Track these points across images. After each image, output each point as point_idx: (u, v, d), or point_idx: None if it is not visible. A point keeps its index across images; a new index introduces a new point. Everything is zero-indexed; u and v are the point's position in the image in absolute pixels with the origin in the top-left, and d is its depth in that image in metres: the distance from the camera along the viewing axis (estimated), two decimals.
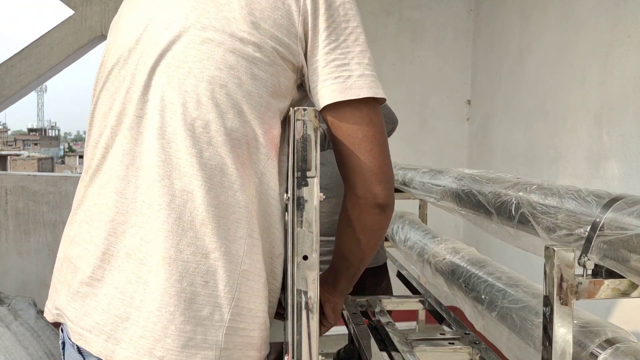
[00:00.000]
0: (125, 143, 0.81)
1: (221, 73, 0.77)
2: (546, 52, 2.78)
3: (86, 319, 0.79)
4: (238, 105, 0.77)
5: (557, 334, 0.87)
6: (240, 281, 0.78)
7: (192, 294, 0.75)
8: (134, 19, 0.87)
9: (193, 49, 0.78)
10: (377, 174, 0.81)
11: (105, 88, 0.86)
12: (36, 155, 38.78)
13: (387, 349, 1.25)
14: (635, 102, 2.10)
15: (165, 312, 0.74)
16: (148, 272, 0.76)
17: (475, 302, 1.38)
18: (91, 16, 3.56)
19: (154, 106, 0.79)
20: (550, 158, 2.71)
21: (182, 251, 0.75)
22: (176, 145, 0.76)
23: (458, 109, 3.80)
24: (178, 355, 0.74)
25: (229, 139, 0.77)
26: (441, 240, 1.84)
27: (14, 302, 2.80)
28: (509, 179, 1.31)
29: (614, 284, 0.90)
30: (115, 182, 0.80)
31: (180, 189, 0.76)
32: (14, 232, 3.54)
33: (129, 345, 0.75)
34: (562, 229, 1.01)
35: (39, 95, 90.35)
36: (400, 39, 3.72)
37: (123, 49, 0.85)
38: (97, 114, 0.87)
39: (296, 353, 0.79)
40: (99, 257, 0.79)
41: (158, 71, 0.79)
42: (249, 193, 0.79)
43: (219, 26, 0.78)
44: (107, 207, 0.80)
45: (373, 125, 0.81)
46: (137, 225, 0.77)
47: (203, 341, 0.75)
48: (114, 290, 0.77)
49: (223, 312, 0.77)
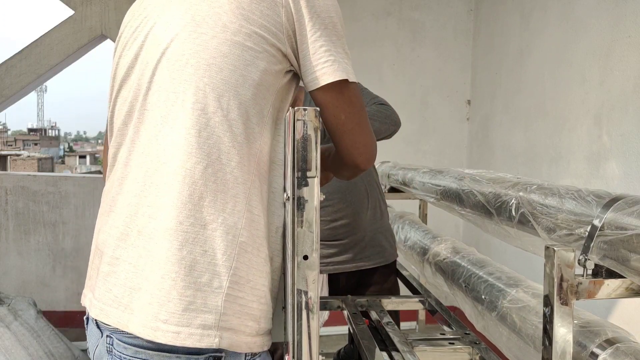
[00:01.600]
0: (135, 134, 0.90)
1: (216, 61, 0.84)
2: (546, 52, 2.78)
3: (108, 294, 0.86)
4: (234, 88, 0.84)
5: (557, 334, 0.87)
6: (238, 252, 0.84)
7: (192, 262, 0.81)
8: (136, 26, 0.96)
9: (190, 42, 0.86)
10: (359, 148, 0.93)
11: (120, 95, 0.95)
12: (36, 155, 38.78)
13: (387, 349, 1.25)
14: (635, 102, 2.10)
15: (167, 278, 0.81)
16: (154, 244, 0.82)
17: (475, 302, 1.38)
18: (91, 16, 3.56)
19: (157, 98, 0.87)
20: (550, 158, 2.71)
21: (182, 223, 0.82)
22: (177, 128, 0.84)
23: (458, 109, 3.80)
24: (180, 318, 0.80)
25: (225, 119, 0.84)
26: (441, 240, 1.84)
27: (14, 302, 2.80)
28: (509, 179, 1.31)
29: (614, 284, 0.90)
30: (131, 170, 0.89)
31: (181, 166, 0.83)
32: (14, 232, 3.54)
33: (139, 313, 0.82)
34: (562, 228, 1.01)
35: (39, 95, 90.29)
36: (400, 39, 3.72)
37: (130, 57, 0.94)
38: (115, 119, 0.96)
39: (296, 353, 0.79)
40: (118, 238, 0.87)
41: (159, 67, 0.88)
42: (247, 170, 0.86)
43: (211, 21, 0.86)
44: (125, 194, 0.88)
45: (353, 105, 0.91)
46: (146, 204, 0.85)
47: (203, 305, 0.81)
48: (129, 266, 0.85)
49: (222, 279, 0.82)
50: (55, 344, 2.74)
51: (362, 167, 0.96)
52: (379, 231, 1.83)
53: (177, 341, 0.80)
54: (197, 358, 0.82)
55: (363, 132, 0.93)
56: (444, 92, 3.77)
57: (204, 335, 0.80)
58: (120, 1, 3.57)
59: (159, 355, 0.82)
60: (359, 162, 0.94)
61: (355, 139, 0.92)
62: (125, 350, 0.84)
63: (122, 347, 0.84)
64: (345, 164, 0.96)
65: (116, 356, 0.85)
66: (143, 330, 0.81)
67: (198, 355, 0.82)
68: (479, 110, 3.66)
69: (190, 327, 0.80)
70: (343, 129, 0.91)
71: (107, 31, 3.57)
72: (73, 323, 3.15)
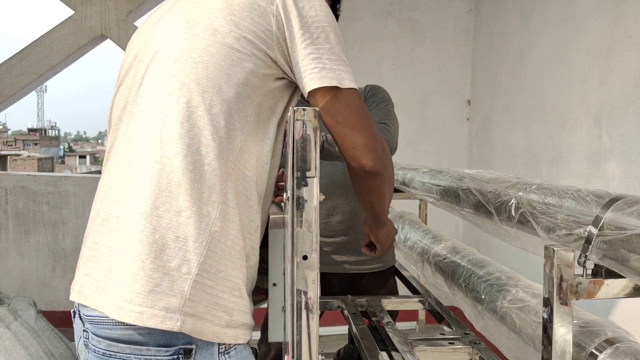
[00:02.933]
0: (126, 128, 0.95)
1: (203, 59, 0.89)
2: (546, 52, 2.78)
3: (87, 277, 0.89)
4: (217, 85, 0.88)
5: (557, 334, 0.87)
6: (210, 241, 0.85)
7: (162, 246, 0.84)
8: (140, 33, 1.04)
9: (181, 43, 0.92)
10: (361, 149, 0.94)
11: (118, 93, 1.01)
12: (36, 155, 38.76)
13: (387, 349, 1.25)
14: (635, 102, 2.10)
15: (137, 260, 0.83)
16: (129, 228, 0.86)
17: (475, 302, 1.38)
18: (91, 16, 3.56)
19: (147, 92, 0.92)
20: (550, 158, 2.71)
21: (158, 208, 0.85)
22: (162, 121, 0.88)
23: (458, 109, 3.80)
24: (145, 299, 0.82)
25: (207, 113, 0.88)
26: (441, 240, 1.84)
27: (14, 302, 2.79)
28: (509, 179, 1.31)
29: (613, 284, 0.90)
30: (118, 160, 0.93)
31: (162, 156, 0.86)
32: (14, 232, 3.54)
33: (112, 294, 0.84)
34: (562, 228, 1.01)
35: (39, 95, 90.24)
36: (400, 39, 3.72)
37: (129, 59, 1.01)
38: (112, 116, 1.02)
39: (296, 353, 0.79)
40: (99, 224, 0.90)
41: (151, 65, 0.94)
42: (225, 164, 0.88)
43: (203, 25, 0.91)
44: (111, 182, 0.92)
45: (350, 108, 0.93)
46: (128, 192, 0.88)
47: (169, 289, 0.83)
48: (107, 249, 0.88)
49: (191, 266, 0.84)
50: (55, 344, 2.74)
51: (368, 167, 0.95)
52: None
53: (140, 321, 0.81)
54: (167, 350, 0.84)
55: (362, 133, 0.94)
56: (444, 92, 3.77)
57: (166, 317, 0.82)
58: (120, 1, 3.57)
59: (130, 347, 0.84)
60: (364, 163, 0.95)
61: (355, 140, 0.94)
62: (99, 344, 0.87)
63: (96, 341, 0.87)
64: (351, 167, 0.97)
65: (91, 350, 0.88)
66: (112, 311, 0.83)
67: (168, 347, 0.84)
68: (479, 110, 3.66)
69: (153, 309, 0.82)
70: (342, 131, 0.93)
71: (107, 31, 3.57)
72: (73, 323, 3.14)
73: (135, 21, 3.69)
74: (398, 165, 2.27)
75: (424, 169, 1.96)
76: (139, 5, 3.60)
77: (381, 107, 1.73)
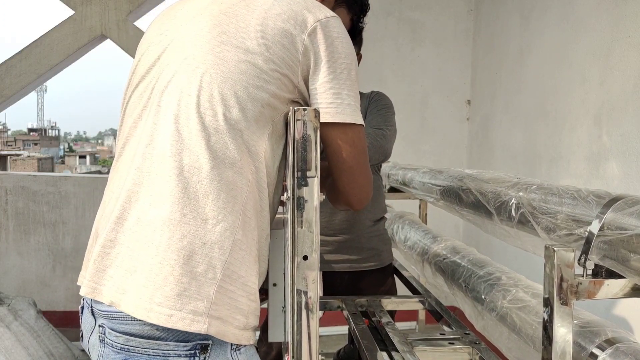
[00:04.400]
0: (146, 127, 0.96)
1: (233, 75, 0.92)
2: (546, 52, 2.78)
3: (101, 274, 0.91)
4: (242, 103, 0.92)
5: (557, 334, 0.87)
6: (232, 248, 0.89)
7: (190, 252, 0.87)
8: (163, 30, 1.03)
9: (212, 55, 0.93)
10: (354, 188, 1.00)
11: (137, 89, 1.02)
12: (36, 155, 38.77)
13: (387, 349, 1.25)
14: (635, 102, 2.10)
15: (166, 265, 0.86)
16: (153, 232, 0.88)
17: (475, 302, 1.38)
18: (91, 16, 3.56)
19: (172, 97, 0.94)
20: (550, 158, 2.71)
21: (186, 215, 0.88)
22: (188, 129, 0.90)
23: (458, 109, 3.80)
24: (174, 302, 0.85)
25: (232, 128, 0.91)
26: (441, 240, 1.84)
27: (14, 302, 2.80)
28: (509, 179, 1.31)
29: (613, 284, 0.90)
30: (135, 158, 0.94)
31: (188, 164, 0.89)
32: (14, 232, 3.54)
33: (133, 295, 0.86)
34: (562, 229, 1.01)
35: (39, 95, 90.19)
36: (400, 39, 3.71)
37: (152, 57, 1.01)
38: (128, 112, 1.02)
39: (296, 353, 0.80)
40: (115, 222, 0.91)
41: (179, 70, 0.95)
42: (246, 176, 0.92)
43: (235, 42, 0.93)
44: (127, 181, 0.93)
45: (355, 147, 0.98)
46: (148, 194, 0.90)
47: (196, 293, 0.86)
48: (125, 249, 0.90)
49: (216, 271, 0.87)
50: (55, 344, 2.74)
51: (355, 207, 1.04)
52: (375, 234, 1.83)
53: (169, 323, 0.84)
54: (185, 345, 0.87)
55: (361, 173, 1.00)
56: (444, 92, 3.77)
57: (194, 320, 0.85)
58: (120, 1, 3.57)
59: (149, 342, 0.87)
60: (353, 202, 1.03)
61: (353, 178, 1.00)
62: (117, 338, 0.88)
63: (113, 336, 0.89)
64: (339, 201, 1.04)
65: (108, 345, 0.90)
66: (136, 311, 0.85)
67: (186, 342, 0.87)
68: (479, 110, 3.66)
69: (182, 312, 0.85)
70: (342, 167, 0.99)
71: (107, 31, 3.57)
72: (73, 323, 3.14)
73: (135, 21, 3.69)
74: (398, 165, 2.27)
75: (424, 169, 1.96)
76: (139, 5, 3.60)
77: (382, 114, 1.77)
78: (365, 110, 1.78)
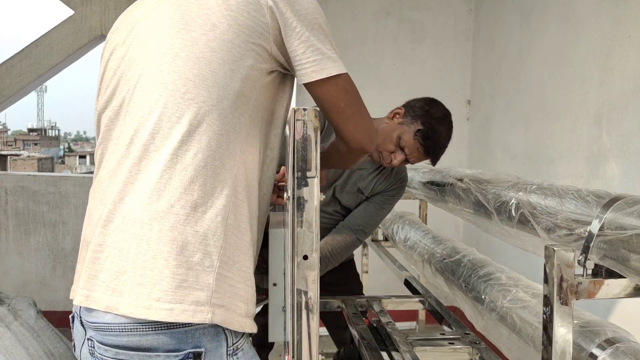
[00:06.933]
0: (124, 129, 0.92)
1: (205, 55, 0.89)
2: (546, 52, 2.77)
3: (93, 280, 0.87)
4: (222, 80, 0.89)
5: (557, 334, 0.87)
6: (225, 233, 0.87)
7: (183, 242, 0.84)
8: (123, 31, 1.00)
9: (179, 38, 0.90)
10: (362, 131, 0.99)
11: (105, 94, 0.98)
12: (36, 155, 38.76)
13: (387, 349, 1.26)
14: (635, 102, 2.10)
15: (160, 258, 0.83)
16: (141, 227, 0.85)
17: (475, 302, 1.38)
18: (91, 16, 3.55)
19: (145, 90, 0.90)
20: (550, 158, 2.71)
21: (173, 205, 0.85)
22: (167, 116, 0.87)
23: (458, 109, 3.79)
24: (172, 295, 0.82)
25: (215, 109, 0.88)
26: (441, 240, 1.84)
27: (14, 302, 2.79)
28: (509, 179, 1.31)
29: (613, 283, 0.90)
30: (118, 163, 0.91)
31: (171, 153, 0.86)
32: (14, 232, 3.54)
33: (129, 295, 0.83)
34: (562, 229, 1.01)
35: (39, 95, 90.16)
36: (400, 39, 3.71)
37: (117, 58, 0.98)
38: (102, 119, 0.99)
39: (296, 353, 0.79)
40: (102, 225, 0.88)
41: (147, 61, 0.91)
42: (234, 157, 0.90)
43: (200, 21, 0.90)
44: (113, 185, 0.90)
45: (349, 93, 0.97)
46: (133, 191, 0.87)
47: (195, 283, 0.84)
48: (114, 250, 0.86)
49: (213, 259, 0.85)
50: (55, 344, 2.74)
51: (368, 148, 1.01)
52: None
53: (171, 317, 0.82)
54: (176, 355, 0.84)
55: (363, 116, 1.00)
56: (444, 92, 3.77)
57: (197, 311, 0.83)
58: (120, 1, 3.57)
59: (139, 354, 0.84)
60: (365, 144, 1.00)
61: (357, 123, 0.99)
62: (106, 352, 0.86)
63: (103, 350, 0.86)
64: (352, 148, 1.01)
65: (98, 359, 0.87)
66: (135, 310, 0.82)
67: (177, 352, 0.84)
68: (479, 110, 3.66)
69: (183, 304, 0.83)
70: (345, 116, 0.98)
71: (107, 31, 3.56)
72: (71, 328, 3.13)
73: None
74: None
75: (424, 169, 1.96)
76: None
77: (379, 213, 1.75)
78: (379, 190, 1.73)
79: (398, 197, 1.78)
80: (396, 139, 1.56)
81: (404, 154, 1.57)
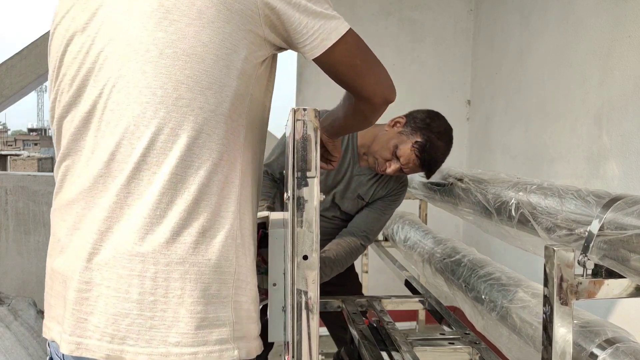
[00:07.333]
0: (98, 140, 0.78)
1: (196, 50, 0.76)
2: (546, 52, 2.77)
3: (83, 325, 0.75)
4: (218, 79, 0.77)
5: (557, 334, 0.87)
6: (237, 254, 0.79)
7: (197, 275, 0.74)
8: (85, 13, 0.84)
9: (161, 31, 0.76)
10: (382, 82, 0.92)
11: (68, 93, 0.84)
12: (36, 155, 38.75)
13: (387, 349, 1.26)
14: (635, 102, 2.10)
15: (172, 296, 0.73)
16: (141, 262, 0.73)
17: (475, 302, 1.38)
18: None
19: (126, 95, 0.76)
20: (550, 158, 2.71)
21: (179, 233, 0.74)
22: (159, 128, 0.75)
23: (458, 109, 3.79)
24: (194, 337, 0.73)
25: (213, 114, 0.77)
26: (441, 240, 1.84)
27: (14, 302, 2.79)
28: (509, 179, 1.31)
29: (613, 283, 0.90)
30: (96, 182, 0.77)
31: (169, 172, 0.74)
32: (14, 232, 3.54)
33: (138, 341, 0.73)
34: (562, 229, 1.01)
35: (39, 95, 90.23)
36: (400, 39, 3.71)
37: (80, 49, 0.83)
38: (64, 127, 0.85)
39: (296, 353, 0.79)
40: (85, 259, 0.76)
41: (125, 60, 0.77)
42: (235, 168, 0.80)
43: (184, 7, 0.76)
44: (95, 208, 0.77)
45: (361, 50, 0.90)
46: (123, 218, 0.74)
47: (215, 319, 0.75)
48: (106, 290, 0.74)
49: (228, 287, 0.77)
50: None
51: (391, 98, 0.94)
52: None
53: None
54: None
55: (379, 67, 0.92)
56: (444, 92, 3.77)
57: (222, 350, 0.75)
58: None
59: None
60: (387, 95, 0.93)
61: (376, 76, 0.92)
62: None
63: None
64: (375, 103, 0.94)
65: None
66: (149, 359, 0.73)
67: None
68: (479, 110, 3.66)
69: (207, 345, 0.74)
70: (363, 73, 0.90)
71: None
72: None
73: None
74: None
75: None
76: None
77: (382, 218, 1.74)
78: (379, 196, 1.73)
79: (399, 201, 1.78)
80: (393, 148, 1.56)
81: (399, 163, 1.56)
